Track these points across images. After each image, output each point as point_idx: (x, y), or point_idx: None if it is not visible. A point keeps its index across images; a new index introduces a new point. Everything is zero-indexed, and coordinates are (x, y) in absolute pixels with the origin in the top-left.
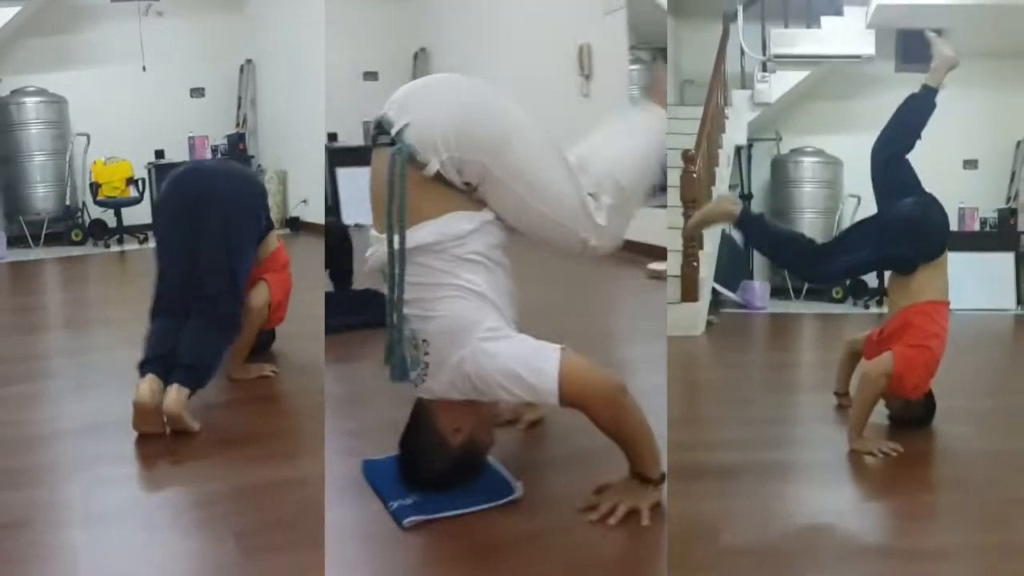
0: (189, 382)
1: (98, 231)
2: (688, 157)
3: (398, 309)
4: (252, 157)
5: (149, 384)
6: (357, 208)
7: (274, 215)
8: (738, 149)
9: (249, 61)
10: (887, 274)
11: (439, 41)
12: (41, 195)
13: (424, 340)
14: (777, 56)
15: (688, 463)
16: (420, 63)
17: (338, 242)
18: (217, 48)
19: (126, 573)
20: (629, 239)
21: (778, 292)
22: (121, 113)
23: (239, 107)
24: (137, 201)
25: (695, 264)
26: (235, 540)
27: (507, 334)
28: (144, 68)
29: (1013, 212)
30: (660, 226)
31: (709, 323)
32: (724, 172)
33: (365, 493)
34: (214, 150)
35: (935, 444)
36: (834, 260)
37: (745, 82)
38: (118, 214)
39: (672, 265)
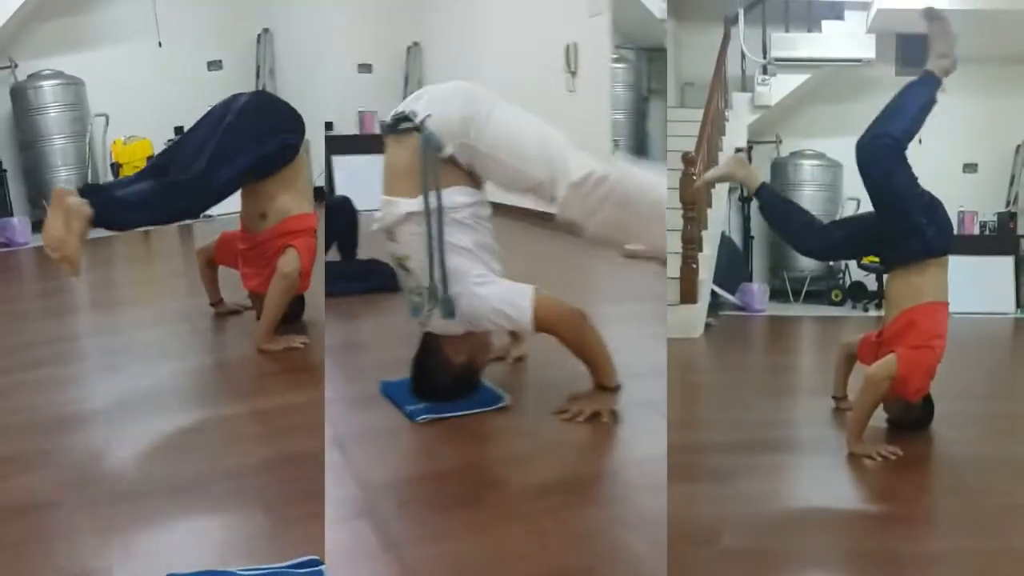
0: (95, 203)
1: None
2: (688, 159)
3: (440, 256)
4: None
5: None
6: (350, 192)
7: None
8: (738, 151)
9: (266, 30)
10: (885, 278)
11: (432, 37)
12: (63, 178)
13: (426, 287)
14: (778, 59)
15: (687, 465)
16: (413, 57)
17: (347, 217)
18: (232, 19)
19: (156, 548)
20: None
21: (777, 295)
22: (139, 91)
23: (258, 78)
24: None
25: (694, 266)
26: (265, 511)
27: (492, 279)
28: (160, 44)
29: (1012, 216)
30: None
31: (708, 325)
32: None
33: (382, 405)
34: None
35: (934, 448)
36: (839, 229)
37: (745, 85)
38: None
39: (671, 267)
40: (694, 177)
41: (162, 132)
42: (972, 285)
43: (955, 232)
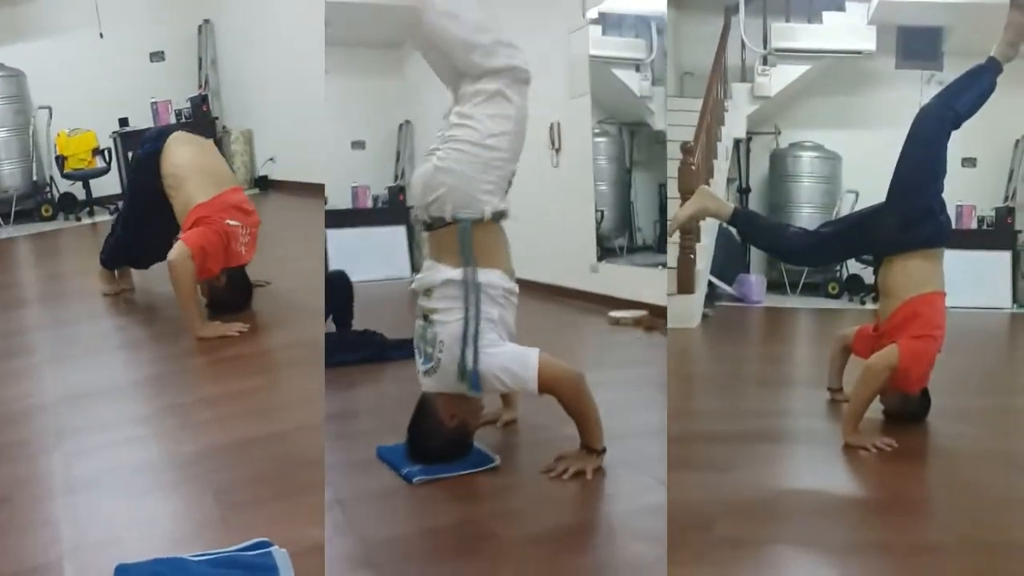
0: (103, 260)
1: (68, 205)
2: (687, 149)
3: (476, 327)
4: (216, 119)
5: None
6: (344, 264)
7: (241, 175)
8: (737, 142)
9: (207, 21)
10: (880, 270)
11: (423, 114)
12: (7, 172)
13: (441, 341)
14: (778, 50)
15: (684, 454)
16: (405, 134)
17: (341, 290)
18: (173, 10)
19: (107, 539)
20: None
21: (774, 286)
22: (82, 83)
23: (200, 68)
24: (105, 171)
25: (692, 256)
26: (214, 497)
27: (502, 344)
28: (101, 35)
29: (1010, 211)
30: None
31: (705, 316)
32: (722, 165)
33: (380, 469)
34: (178, 114)
35: (929, 441)
36: (829, 227)
37: (745, 75)
38: (87, 186)
39: (670, 257)
40: (692, 167)
41: (107, 124)
42: (969, 280)
43: (953, 227)
